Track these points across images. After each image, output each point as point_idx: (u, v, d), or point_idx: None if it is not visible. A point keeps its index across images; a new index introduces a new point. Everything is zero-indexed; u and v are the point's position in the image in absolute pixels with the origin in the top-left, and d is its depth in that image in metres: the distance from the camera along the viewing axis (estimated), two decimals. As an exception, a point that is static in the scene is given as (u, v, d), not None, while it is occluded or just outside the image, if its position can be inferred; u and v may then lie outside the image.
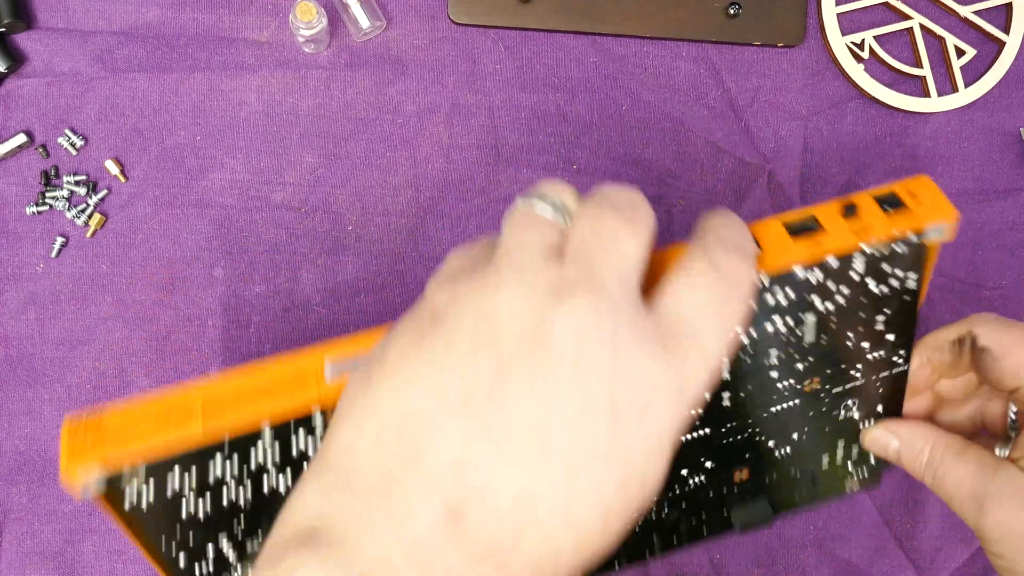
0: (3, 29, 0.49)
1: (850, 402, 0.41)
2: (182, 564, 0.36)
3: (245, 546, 0.37)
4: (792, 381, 0.40)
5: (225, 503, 0.35)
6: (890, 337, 0.40)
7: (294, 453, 0.35)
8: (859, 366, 0.40)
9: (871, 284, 0.37)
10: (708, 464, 0.41)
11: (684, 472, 0.41)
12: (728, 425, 0.40)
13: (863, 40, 0.53)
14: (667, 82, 0.53)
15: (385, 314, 0.51)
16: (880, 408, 0.41)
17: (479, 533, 0.25)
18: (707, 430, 0.40)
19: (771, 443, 0.42)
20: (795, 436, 0.42)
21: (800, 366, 0.39)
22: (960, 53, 0.53)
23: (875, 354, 0.40)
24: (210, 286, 0.50)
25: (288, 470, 0.35)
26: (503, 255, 0.29)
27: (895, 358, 0.40)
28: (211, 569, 0.37)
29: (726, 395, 0.39)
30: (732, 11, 0.52)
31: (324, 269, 0.51)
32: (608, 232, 0.29)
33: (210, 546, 0.36)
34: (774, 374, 0.39)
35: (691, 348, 0.28)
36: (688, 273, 0.29)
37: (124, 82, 0.50)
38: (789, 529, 0.53)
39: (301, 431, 0.34)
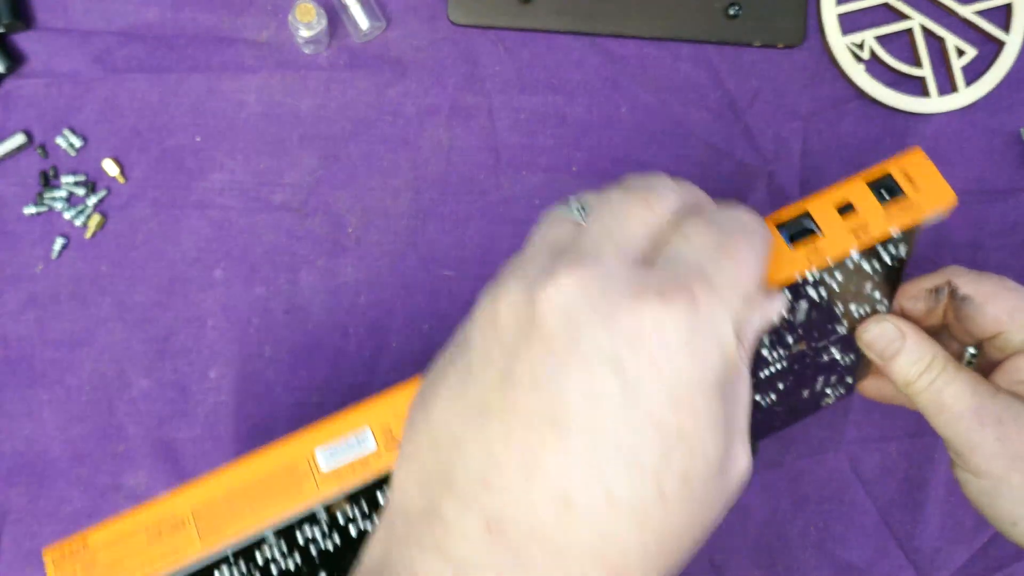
0: (3, 29, 0.49)
1: (832, 348, 0.42)
2: None
3: None
4: (781, 350, 0.40)
5: None
6: (876, 295, 0.40)
7: (301, 540, 0.33)
8: (845, 322, 0.41)
9: (865, 265, 0.38)
10: None
11: None
12: None
13: (863, 40, 0.53)
14: (667, 83, 0.53)
15: (384, 316, 0.51)
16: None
17: (525, 541, 0.24)
18: None
19: (756, 397, 0.42)
20: (780, 386, 0.42)
21: (790, 338, 0.40)
22: (960, 53, 0.53)
23: (861, 310, 0.41)
24: (210, 288, 0.50)
25: (296, 553, 0.34)
26: (513, 261, 0.28)
27: (878, 306, 0.41)
28: None
29: None
30: (732, 12, 0.52)
31: (324, 271, 0.51)
32: (612, 210, 0.28)
33: None
34: (764, 351, 0.40)
35: (697, 289, 0.26)
36: (682, 230, 0.28)
37: (124, 82, 0.50)
38: (789, 531, 0.53)
39: (305, 526, 0.33)
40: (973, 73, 0.54)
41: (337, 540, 0.34)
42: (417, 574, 0.25)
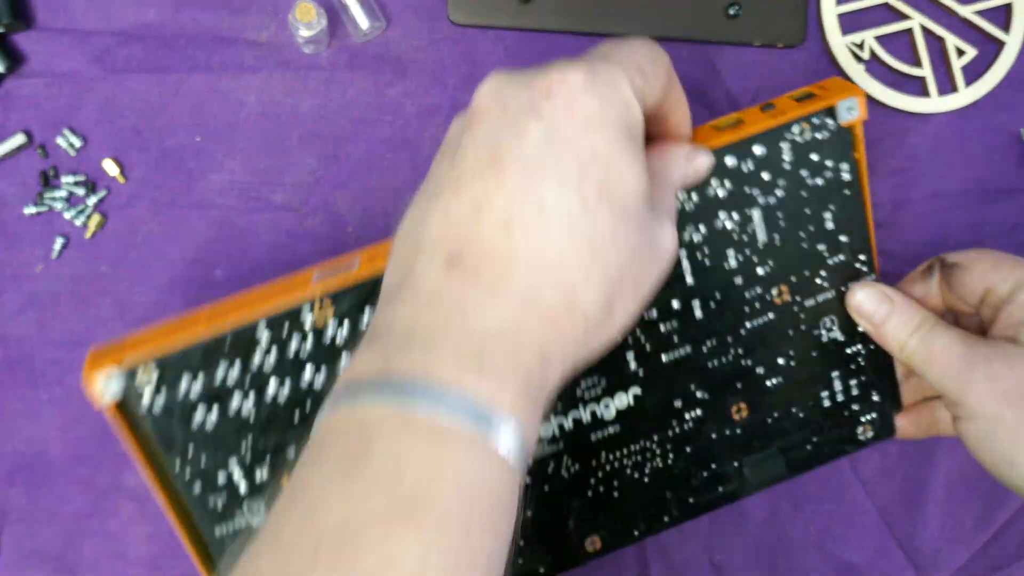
0: (3, 29, 0.49)
1: (828, 320, 0.43)
2: (194, 489, 0.39)
3: (254, 475, 0.39)
4: (759, 290, 0.42)
5: (231, 415, 0.39)
6: (844, 239, 0.42)
7: (290, 356, 0.38)
8: (823, 273, 0.42)
9: (805, 176, 0.41)
10: (700, 394, 0.42)
11: (678, 404, 0.42)
12: (708, 343, 0.42)
13: (863, 40, 0.53)
14: (667, 83, 0.53)
15: (385, 315, 0.51)
16: (860, 327, 0.43)
17: (479, 264, 0.29)
18: (688, 348, 0.42)
19: (760, 369, 0.43)
20: (780, 361, 0.43)
21: (761, 271, 0.41)
22: (960, 53, 0.53)
23: (835, 259, 0.42)
24: (210, 288, 0.50)
25: (287, 379, 0.39)
26: None
27: (857, 264, 0.42)
28: (223, 498, 0.39)
29: (696, 304, 0.41)
30: (732, 12, 0.52)
31: (324, 270, 0.51)
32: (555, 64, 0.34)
33: (220, 472, 0.39)
34: (738, 280, 0.41)
35: (592, 58, 0.32)
36: None
37: (124, 82, 0.50)
38: (789, 531, 0.53)
39: (295, 337, 0.38)
40: (973, 73, 0.54)
41: (324, 376, 0.39)
42: (394, 321, 0.29)
